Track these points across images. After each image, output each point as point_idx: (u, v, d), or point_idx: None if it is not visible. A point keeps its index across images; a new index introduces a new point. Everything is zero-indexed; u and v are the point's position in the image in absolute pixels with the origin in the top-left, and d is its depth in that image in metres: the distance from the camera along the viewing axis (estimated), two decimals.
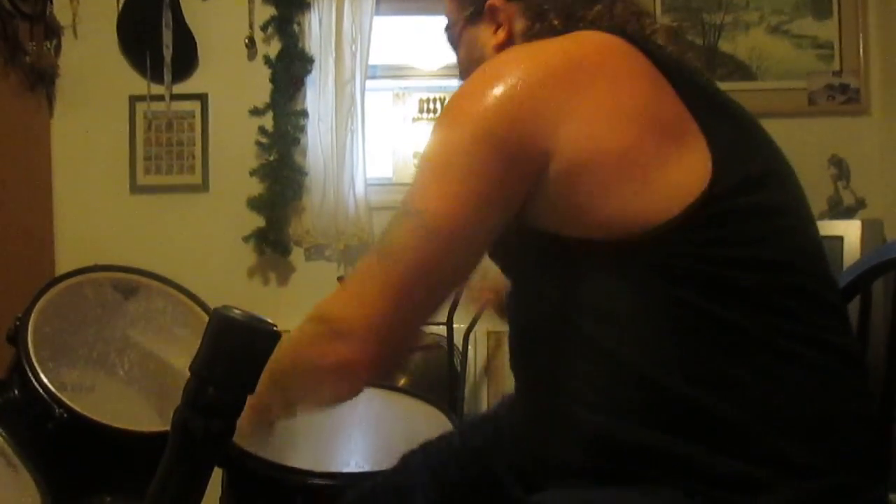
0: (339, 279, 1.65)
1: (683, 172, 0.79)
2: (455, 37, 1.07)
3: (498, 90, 0.82)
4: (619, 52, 0.87)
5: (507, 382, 1.95)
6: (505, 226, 0.84)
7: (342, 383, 0.87)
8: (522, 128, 0.80)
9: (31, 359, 1.34)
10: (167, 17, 2.76)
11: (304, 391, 0.91)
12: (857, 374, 0.85)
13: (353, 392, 0.89)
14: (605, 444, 0.80)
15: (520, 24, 0.99)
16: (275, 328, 0.80)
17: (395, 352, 0.86)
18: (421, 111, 2.95)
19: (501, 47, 0.99)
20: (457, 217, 0.81)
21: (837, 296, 0.89)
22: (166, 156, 2.85)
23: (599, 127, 0.80)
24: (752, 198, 0.81)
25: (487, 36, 1.01)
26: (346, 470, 1.30)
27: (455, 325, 2.39)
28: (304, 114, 2.79)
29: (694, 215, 0.77)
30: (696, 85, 0.87)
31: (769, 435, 0.76)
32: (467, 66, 1.05)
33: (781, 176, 0.88)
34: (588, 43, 0.88)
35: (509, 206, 0.83)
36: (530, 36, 0.96)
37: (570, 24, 0.93)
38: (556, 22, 0.94)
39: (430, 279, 0.84)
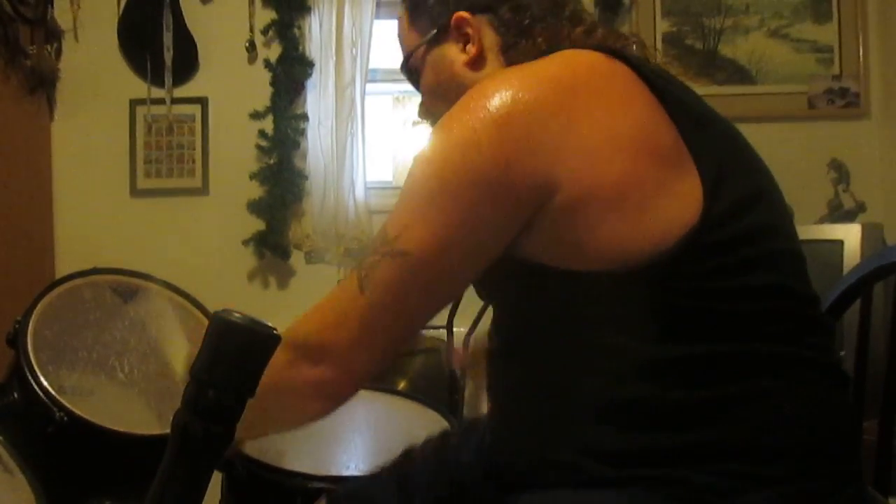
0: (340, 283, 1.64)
1: (677, 201, 0.78)
2: (418, 63, 1.03)
3: (490, 127, 0.79)
4: (611, 74, 0.85)
5: None
6: (493, 260, 0.83)
7: (314, 403, 0.90)
8: (518, 168, 0.78)
9: (30, 362, 1.34)
10: (168, 20, 2.76)
11: (277, 411, 0.92)
12: (841, 389, 0.87)
13: (325, 412, 0.92)
14: (585, 462, 0.81)
15: (490, 38, 0.97)
16: (275, 331, 0.80)
17: (367, 375, 0.88)
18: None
19: (473, 62, 0.97)
20: (442, 262, 0.81)
21: (820, 310, 0.89)
22: (166, 159, 2.85)
23: (599, 158, 0.79)
24: (742, 223, 0.80)
25: (455, 53, 0.99)
26: (345, 473, 1.30)
27: (455, 329, 2.39)
28: (305, 117, 2.79)
29: (686, 248, 0.77)
30: (685, 103, 0.86)
31: (749, 454, 0.77)
32: (436, 90, 1.02)
33: (768, 194, 0.87)
34: (579, 65, 0.86)
35: (498, 246, 0.82)
36: (511, 53, 0.94)
37: (554, 44, 0.92)
38: (540, 39, 0.93)
39: (408, 315, 0.86)
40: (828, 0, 2.83)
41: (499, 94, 0.81)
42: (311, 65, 2.78)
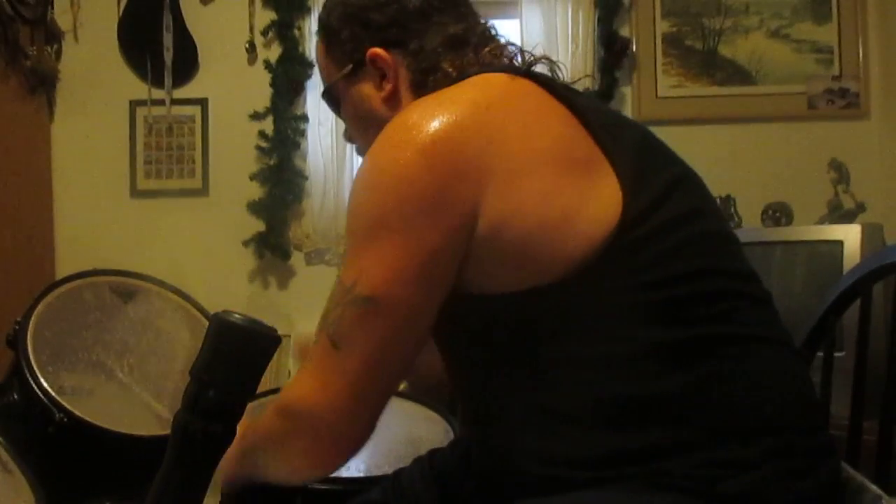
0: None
1: (599, 205, 0.80)
2: (336, 97, 1.04)
3: (417, 157, 0.80)
4: (523, 92, 0.88)
5: None
6: (450, 287, 0.83)
7: (318, 471, 0.92)
8: (450, 192, 0.80)
9: (30, 362, 1.34)
10: (168, 21, 2.76)
11: (280, 476, 0.95)
12: (797, 361, 0.88)
13: (325, 475, 0.95)
14: (562, 471, 0.81)
15: (404, 73, 0.97)
16: (275, 332, 0.80)
17: (366, 432, 0.88)
18: None
19: (389, 99, 0.98)
20: (406, 297, 0.81)
21: (760, 286, 0.90)
22: (166, 160, 2.85)
23: (520, 175, 0.81)
24: (663, 213, 0.82)
25: (371, 89, 0.99)
26: (344, 474, 1.30)
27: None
28: (305, 118, 2.79)
29: (613, 246, 0.79)
30: (595, 112, 0.88)
31: (723, 440, 0.78)
32: (357, 125, 1.04)
33: (685, 182, 0.89)
34: (491, 87, 0.88)
35: (452, 270, 0.82)
36: (424, 88, 0.94)
37: (464, 70, 0.93)
38: (450, 69, 0.94)
39: (391, 361, 0.85)
40: (827, 0, 2.84)
41: (417, 124, 0.82)
42: (310, 65, 2.78)
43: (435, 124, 0.82)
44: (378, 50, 0.97)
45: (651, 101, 2.81)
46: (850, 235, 2.01)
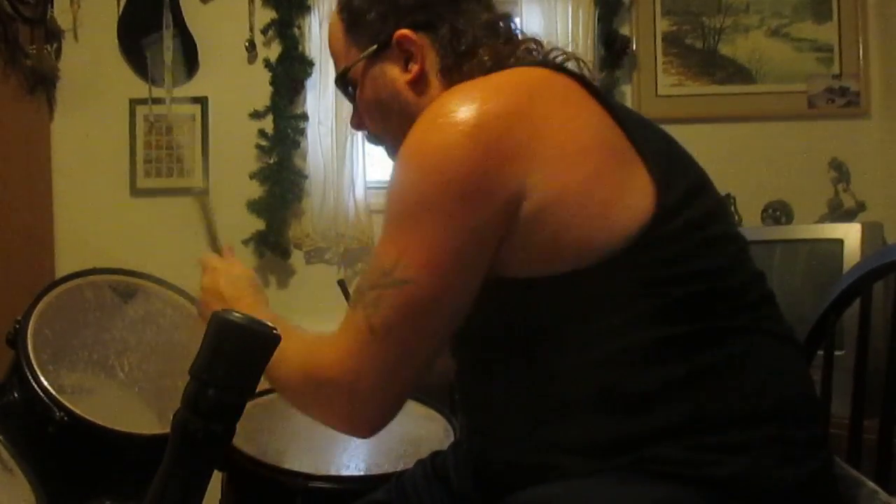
0: (339, 282, 1.64)
1: (633, 197, 0.81)
2: (356, 78, 1.02)
3: (463, 141, 0.80)
4: (561, 85, 0.88)
5: None
6: (486, 271, 0.84)
7: (350, 433, 0.95)
8: (494, 177, 0.80)
9: (30, 361, 1.34)
10: (168, 19, 2.76)
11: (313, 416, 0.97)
12: (799, 356, 0.91)
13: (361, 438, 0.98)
14: (564, 459, 0.82)
15: (430, 58, 0.97)
16: (274, 331, 0.80)
17: (396, 409, 0.90)
18: None
19: (415, 82, 0.97)
20: (444, 281, 0.81)
21: (765, 285, 0.91)
22: (166, 159, 2.85)
23: (565, 161, 0.82)
24: (691, 211, 0.84)
25: (396, 71, 0.98)
26: (345, 473, 1.30)
27: None
28: (305, 117, 2.79)
29: (643, 239, 0.80)
30: (624, 110, 0.90)
31: (720, 426, 0.80)
32: (375, 107, 1.02)
33: (704, 183, 0.91)
34: (532, 78, 0.89)
35: (489, 256, 0.83)
36: (457, 73, 0.94)
37: (498, 62, 0.93)
38: (486, 57, 0.94)
39: (425, 343, 0.86)
40: None
41: (464, 107, 0.82)
42: (310, 64, 2.78)
43: (481, 109, 0.82)
44: (407, 31, 0.97)
45: (651, 99, 2.81)
46: (850, 234, 2.00)
